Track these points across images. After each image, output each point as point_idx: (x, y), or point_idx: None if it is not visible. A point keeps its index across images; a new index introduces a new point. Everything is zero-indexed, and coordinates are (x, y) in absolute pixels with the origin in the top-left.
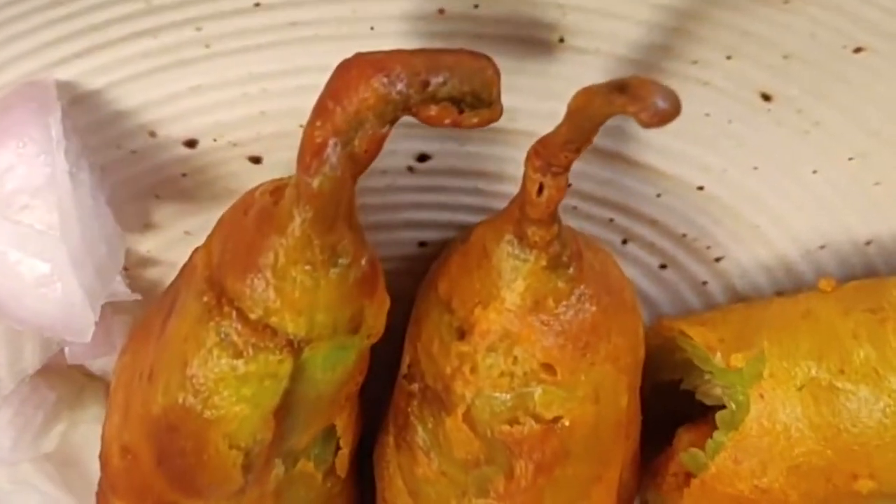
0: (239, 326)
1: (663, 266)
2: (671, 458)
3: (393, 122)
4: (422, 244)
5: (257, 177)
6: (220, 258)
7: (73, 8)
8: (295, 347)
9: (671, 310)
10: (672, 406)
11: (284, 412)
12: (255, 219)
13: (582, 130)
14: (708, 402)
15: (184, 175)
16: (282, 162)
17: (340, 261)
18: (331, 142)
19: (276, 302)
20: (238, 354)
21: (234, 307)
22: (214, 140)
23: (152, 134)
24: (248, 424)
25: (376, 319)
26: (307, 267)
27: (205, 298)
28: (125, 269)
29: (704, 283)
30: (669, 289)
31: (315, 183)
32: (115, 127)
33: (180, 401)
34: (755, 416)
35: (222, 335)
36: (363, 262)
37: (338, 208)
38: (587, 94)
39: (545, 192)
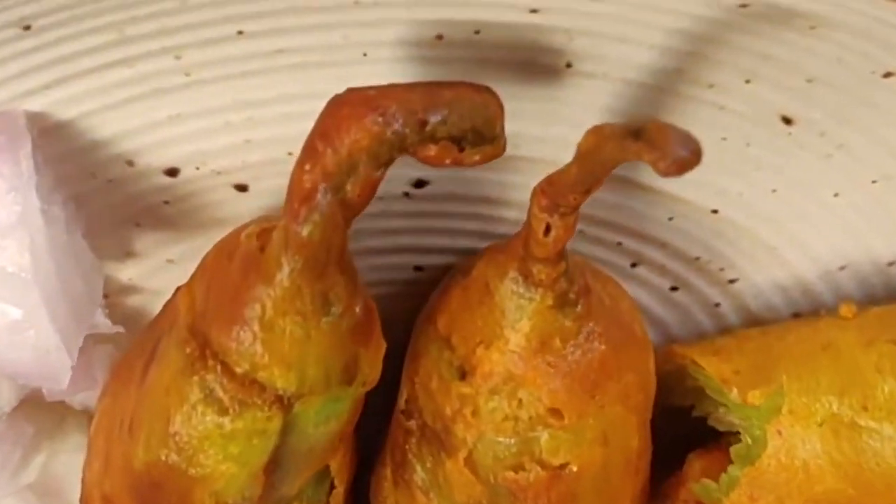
0: (224, 381)
1: (674, 288)
2: (682, 484)
3: (388, 164)
4: (418, 269)
5: (244, 204)
6: (204, 306)
7: (40, 40)
8: (285, 403)
9: (682, 331)
10: (682, 428)
11: (274, 465)
12: (241, 265)
13: (592, 173)
14: (721, 428)
15: (166, 203)
16: (270, 189)
17: (332, 309)
18: (321, 187)
19: (264, 356)
20: (224, 411)
21: (218, 360)
22: (197, 168)
23: (130, 163)
24: (235, 482)
25: (372, 367)
26: (297, 318)
27: (188, 349)
28: (105, 296)
29: (717, 304)
30: (681, 310)
31: (304, 231)
32: (91, 157)
33: (163, 458)
34: (772, 452)
35: (206, 391)
36: (357, 308)
37: (329, 255)
38: (599, 136)
39: (552, 233)
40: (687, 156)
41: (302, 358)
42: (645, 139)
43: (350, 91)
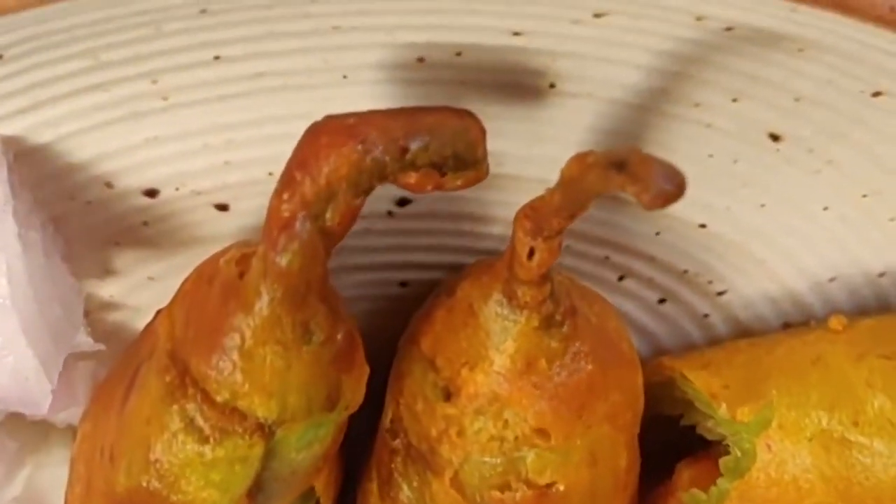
0: (205, 409)
1: (662, 300)
2: (671, 493)
3: (368, 191)
4: (403, 284)
5: (224, 224)
6: (184, 333)
7: (14, 67)
8: (266, 431)
9: (671, 342)
10: (670, 435)
11: (257, 490)
12: (220, 293)
13: (575, 200)
14: (710, 437)
15: (145, 224)
16: (251, 209)
17: (314, 338)
18: (300, 215)
19: (244, 385)
20: (205, 440)
21: (198, 389)
22: (177, 189)
23: (109, 185)
24: None
25: (355, 393)
26: (277, 347)
27: (167, 378)
28: (86, 314)
29: (706, 315)
30: (669, 322)
31: (283, 260)
32: (68, 179)
33: (144, 484)
34: (762, 467)
35: (187, 419)
36: (339, 336)
37: (309, 285)
38: (582, 165)
39: (536, 256)
40: (671, 189)
41: (283, 387)
42: (628, 172)
43: (328, 118)
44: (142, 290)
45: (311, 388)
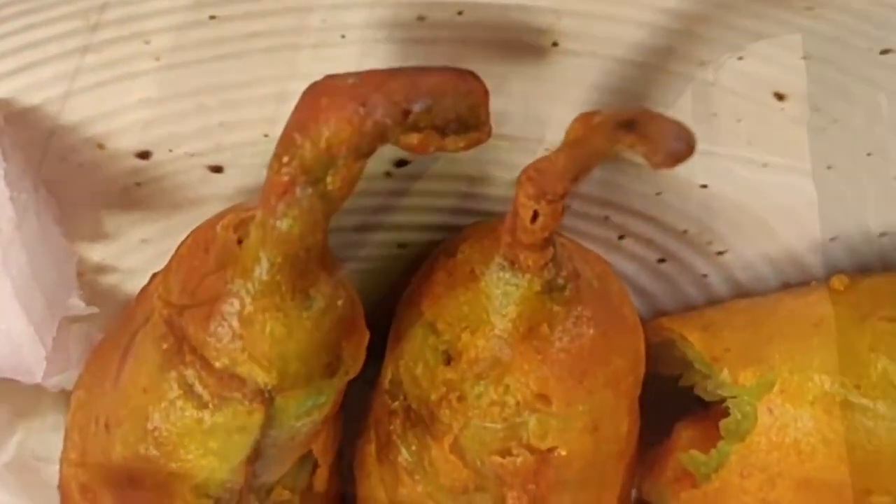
0: (203, 375)
1: (662, 260)
2: (670, 453)
3: (369, 155)
4: (402, 246)
5: (219, 185)
6: (180, 300)
7: (3, 29)
8: (265, 397)
9: (670, 302)
10: (666, 393)
11: (256, 456)
12: (217, 259)
13: (580, 163)
14: (708, 398)
15: (138, 185)
16: (246, 170)
17: (314, 304)
18: (299, 180)
19: (244, 352)
20: (203, 406)
21: (197, 356)
22: (170, 150)
23: (101, 147)
24: (216, 476)
25: (355, 359)
26: (277, 314)
27: (164, 345)
28: (80, 276)
29: (705, 275)
30: (668, 282)
31: (283, 226)
32: (60, 141)
33: (142, 452)
34: (763, 430)
35: (185, 386)
36: (339, 303)
37: (308, 251)
38: (588, 126)
39: (540, 220)
40: (682, 148)
41: (283, 353)
42: (638, 131)
43: (328, 79)
44: (135, 252)
45: (311, 354)
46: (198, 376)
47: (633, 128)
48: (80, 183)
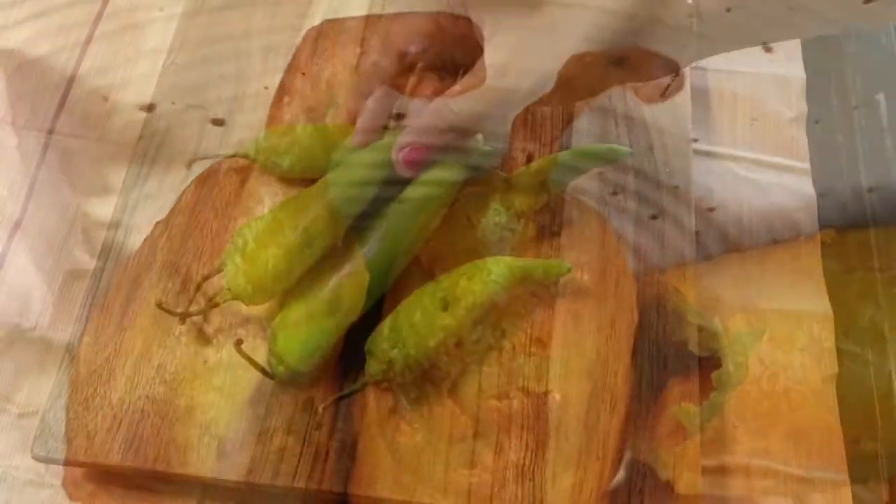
0: (208, 314)
1: (654, 216)
2: (663, 409)
3: (367, 96)
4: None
5: (220, 138)
6: (184, 243)
7: None
8: (269, 334)
9: (662, 258)
10: (660, 356)
11: (260, 396)
12: (221, 201)
13: (573, 103)
14: (700, 353)
15: (141, 138)
16: (247, 123)
17: (315, 242)
18: (300, 119)
19: (248, 288)
20: (207, 342)
21: (201, 295)
22: (173, 103)
23: (105, 99)
24: (222, 414)
25: (356, 301)
26: (279, 251)
27: (169, 285)
28: (84, 230)
29: (697, 232)
30: (660, 238)
31: (284, 163)
32: (66, 92)
33: (149, 392)
34: (754, 380)
35: (190, 324)
36: (339, 243)
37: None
38: (580, 64)
39: (535, 163)
40: (671, 81)
41: (285, 290)
42: (628, 66)
43: (327, 23)
44: (139, 207)
45: (312, 293)
46: (202, 315)
47: (622, 63)
48: (85, 136)
